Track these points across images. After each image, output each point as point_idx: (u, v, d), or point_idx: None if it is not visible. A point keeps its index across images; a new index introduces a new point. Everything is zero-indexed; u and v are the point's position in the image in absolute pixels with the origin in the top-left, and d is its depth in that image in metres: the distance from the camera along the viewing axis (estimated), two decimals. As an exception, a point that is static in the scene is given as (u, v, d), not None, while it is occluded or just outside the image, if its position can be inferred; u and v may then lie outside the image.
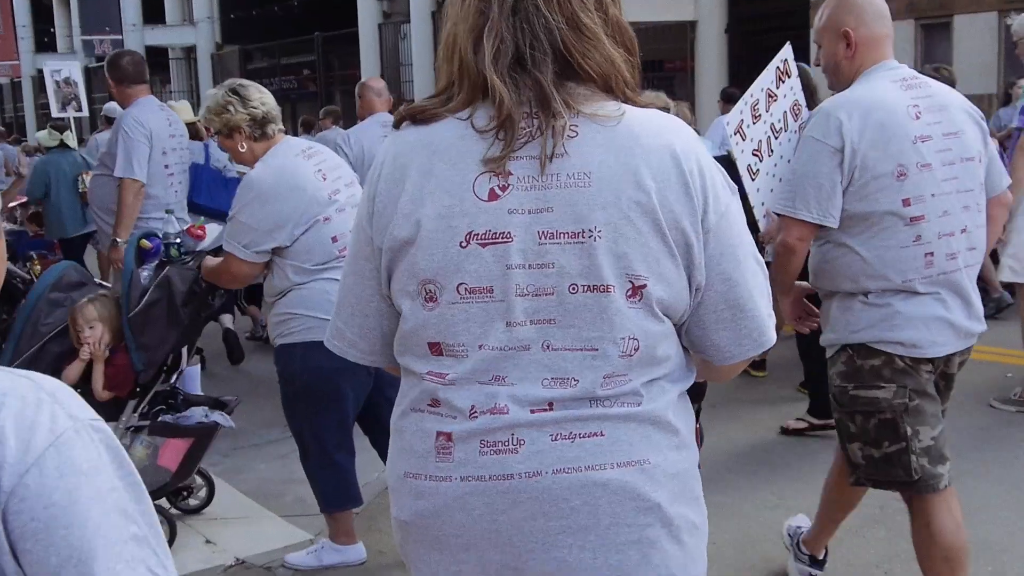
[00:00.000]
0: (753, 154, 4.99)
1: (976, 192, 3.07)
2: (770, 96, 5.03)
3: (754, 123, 4.93)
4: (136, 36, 28.62)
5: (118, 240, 5.30)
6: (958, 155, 2.99)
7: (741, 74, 15.94)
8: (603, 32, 1.56)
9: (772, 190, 4.61)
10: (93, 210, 6.43)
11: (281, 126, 3.78)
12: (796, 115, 5.05)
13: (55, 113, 15.53)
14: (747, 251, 1.62)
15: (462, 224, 1.54)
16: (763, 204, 4.68)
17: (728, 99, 9.47)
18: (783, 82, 5.09)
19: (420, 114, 1.62)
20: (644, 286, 1.54)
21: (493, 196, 1.54)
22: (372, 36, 21.60)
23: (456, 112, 1.58)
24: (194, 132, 7.33)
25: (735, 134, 4.84)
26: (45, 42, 37.09)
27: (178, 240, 4.18)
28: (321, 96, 24.93)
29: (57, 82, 16.74)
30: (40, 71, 36.22)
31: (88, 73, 33.05)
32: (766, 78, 5.00)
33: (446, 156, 1.57)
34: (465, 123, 1.56)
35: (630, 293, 1.54)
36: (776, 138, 5.03)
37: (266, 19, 25.59)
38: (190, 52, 29.65)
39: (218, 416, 4.11)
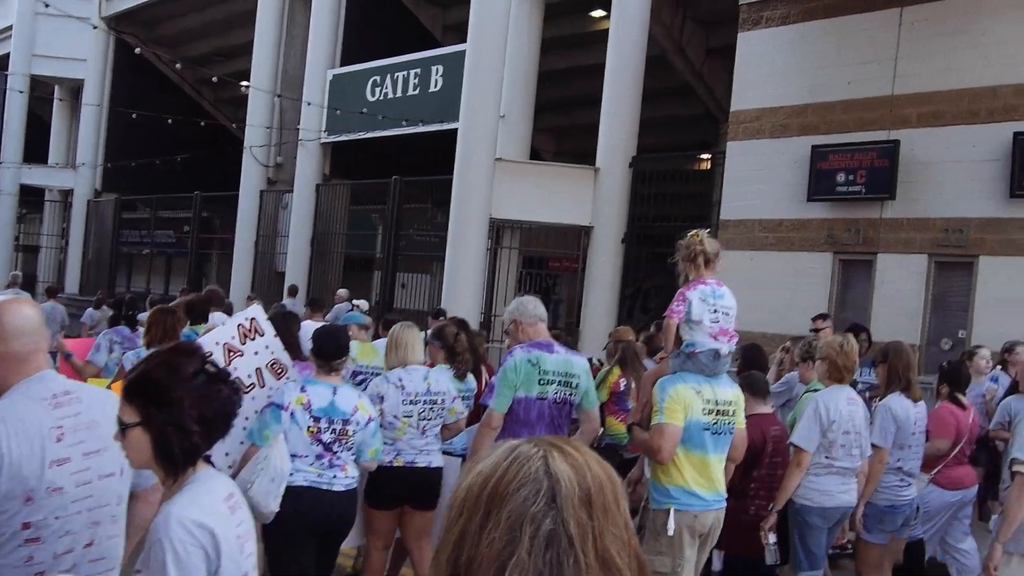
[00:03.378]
0: None
1: (113, 506, 3.16)
2: (231, 351, 5.55)
3: None
4: (12, 173, 27.08)
5: None
6: (96, 474, 3.06)
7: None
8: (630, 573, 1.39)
9: (241, 443, 5.29)
10: None
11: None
12: (278, 374, 5.71)
13: None
14: None
15: None
16: (227, 454, 5.32)
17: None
18: (251, 340, 5.64)
19: None
20: None
21: None
22: (252, 201, 19.97)
23: None
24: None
25: None
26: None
27: None
28: (192, 255, 23.02)
29: None
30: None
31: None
32: (224, 332, 5.62)
33: None
34: None
35: None
36: (247, 393, 5.35)
37: (147, 171, 24.87)
38: (67, 195, 27.58)
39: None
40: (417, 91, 17.62)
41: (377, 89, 18.42)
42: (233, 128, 26.39)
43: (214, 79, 22.73)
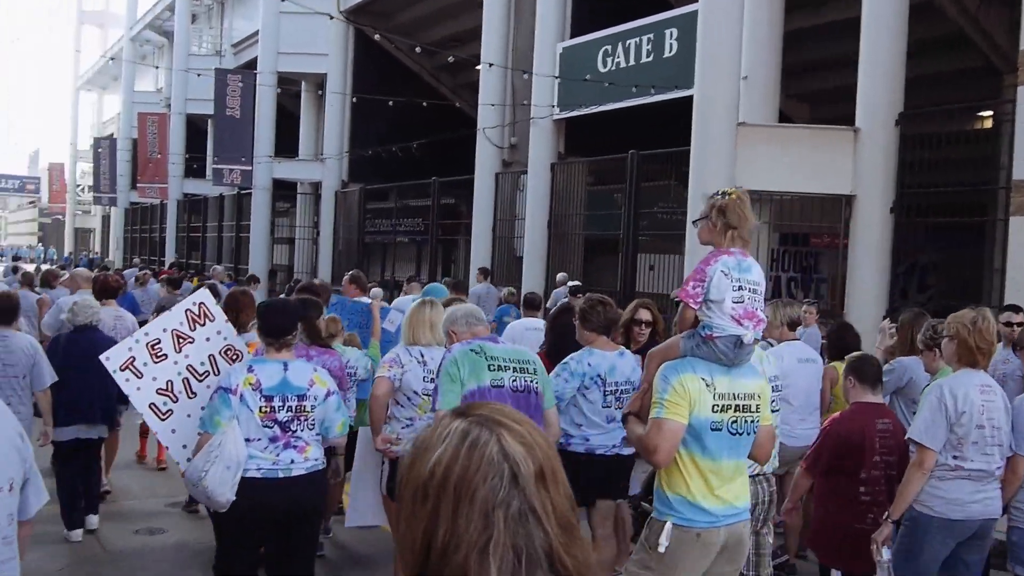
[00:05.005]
0: (159, 393, 5.53)
1: (4, 526, 3.03)
2: (180, 337, 5.59)
3: (156, 362, 5.52)
4: (266, 168, 27.55)
5: None
6: None
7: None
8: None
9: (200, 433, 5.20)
10: None
11: None
12: (232, 360, 5.66)
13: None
14: None
15: None
16: (185, 447, 5.43)
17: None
18: (201, 325, 5.66)
19: None
20: None
21: None
22: (488, 184, 19.27)
23: None
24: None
25: (122, 369, 5.49)
26: (194, 168, 36.48)
27: None
28: (433, 241, 23.39)
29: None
30: (187, 195, 36.49)
31: (221, 201, 32.28)
32: (171, 319, 5.66)
33: None
34: None
35: None
36: (201, 381, 5.58)
37: (388, 160, 25.11)
38: (317, 187, 27.99)
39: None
40: (651, 58, 16.27)
41: (608, 59, 17.21)
42: (458, 105, 25.95)
43: (419, 48, 22.31)
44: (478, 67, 21.36)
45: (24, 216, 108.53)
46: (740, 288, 4.26)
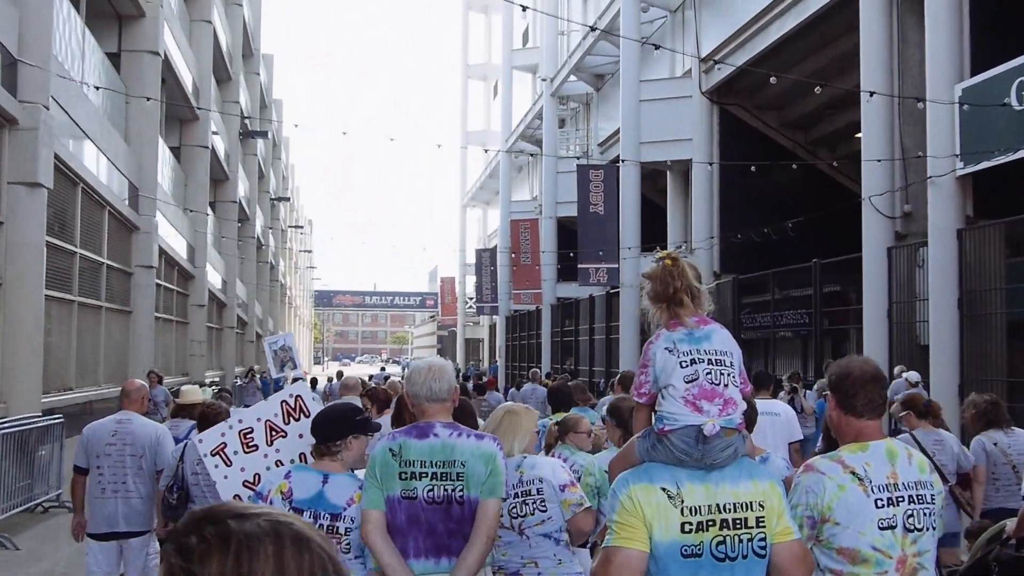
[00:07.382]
0: (246, 485, 5.22)
1: None
2: (272, 429, 5.30)
3: (247, 452, 5.25)
4: (632, 264, 26.32)
5: None
6: None
7: None
8: None
9: None
10: None
11: None
12: None
13: (275, 374, 20.76)
14: None
15: None
16: None
17: None
18: (296, 420, 5.32)
19: None
20: None
21: None
22: (879, 262, 16.44)
23: None
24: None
25: (213, 455, 5.26)
26: (562, 270, 35.90)
27: None
28: (817, 335, 20.93)
29: (275, 351, 21.30)
30: (559, 299, 35.88)
31: (592, 302, 31.15)
32: (266, 409, 5.40)
33: None
34: None
35: None
36: None
37: (761, 246, 22.67)
38: (686, 281, 25.86)
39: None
40: (1086, 83, 12.81)
41: (1027, 93, 13.85)
42: (831, 165, 22.99)
43: (774, 78, 19.66)
44: (858, 135, 18.54)
45: (426, 330, 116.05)
46: (693, 362, 3.30)
